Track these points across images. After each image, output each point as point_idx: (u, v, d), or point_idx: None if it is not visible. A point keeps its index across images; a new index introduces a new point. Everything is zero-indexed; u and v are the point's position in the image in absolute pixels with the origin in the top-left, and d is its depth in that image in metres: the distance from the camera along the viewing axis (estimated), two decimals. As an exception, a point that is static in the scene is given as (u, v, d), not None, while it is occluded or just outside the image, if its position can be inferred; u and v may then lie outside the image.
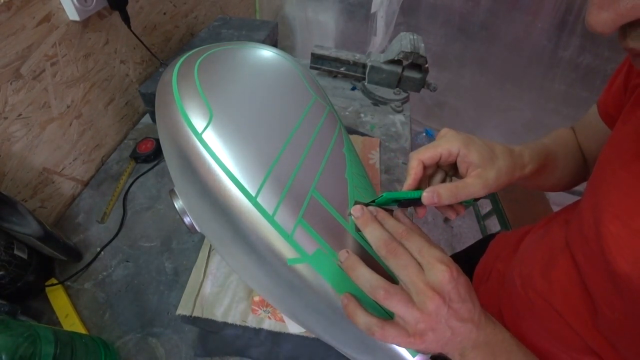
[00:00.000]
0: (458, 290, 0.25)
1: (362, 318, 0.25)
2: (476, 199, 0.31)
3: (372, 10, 1.30)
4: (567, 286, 0.35)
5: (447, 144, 0.31)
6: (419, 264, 0.25)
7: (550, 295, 0.36)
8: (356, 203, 0.29)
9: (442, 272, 0.24)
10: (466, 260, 0.58)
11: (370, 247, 0.29)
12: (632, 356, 0.29)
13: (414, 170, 0.30)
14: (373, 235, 0.26)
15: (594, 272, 0.31)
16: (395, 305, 0.24)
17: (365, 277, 0.25)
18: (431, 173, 0.34)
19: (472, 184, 0.28)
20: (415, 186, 0.31)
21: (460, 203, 0.31)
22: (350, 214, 0.29)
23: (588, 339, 0.32)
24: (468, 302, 0.25)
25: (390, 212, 0.30)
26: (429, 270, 0.24)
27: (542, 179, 0.39)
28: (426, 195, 0.27)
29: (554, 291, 0.36)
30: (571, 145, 0.44)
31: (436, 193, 0.27)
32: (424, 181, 0.34)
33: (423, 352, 0.27)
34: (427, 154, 0.31)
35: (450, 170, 0.35)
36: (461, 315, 0.25)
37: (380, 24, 1.31)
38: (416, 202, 0.29)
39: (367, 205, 0.29)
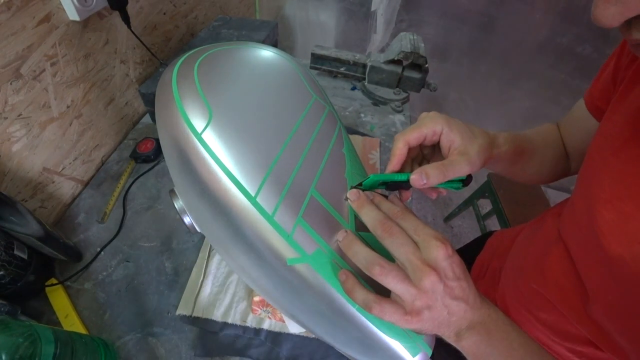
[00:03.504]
0: (453, 268, 0.25)
1: (360, 294, 0.25)
2: (464, 184, 0.31)
3: (372, 8, 1.31)
4: (559, 276, 0.36)
5: (431, 123, 0.31)
6: (415, 242, 0.25)
7: (543, 286, 0.37)
8: (351, 188, 0.29)
9: (437, 249, 0.24)
10: (464, 258, 0.59)
11: (371, 248, 0.29)
12: (624, 340, 0.30)
13: (399, 152, 0.30)
14: (369, 216, 0.27)
15: (587, 259, 0.32)
16: (391, 281, 0.24)
17: (362, 253, 0.25)
18: (413, 156, 0.35)
19: (458, 161, 0.29)
20: (399, 169, 0.31)
21: (447, 185, 0.31)
22: (346, 198, 0.29)
23: (581, 327, 0.33)
24: (462, 281, 0.25)
25: (385, 197, 0.30)
26: (424, 248, 0.24)
27: (520, 165, 0.40)
28: (415, 177, 0.27)
29: (547, 281, 0.37)
30: (552, 138, 0.45)
31: (424, 173, 0.27)
32: (406, 165, 0.34)
33: (420, 332, 0.27)
34: (413, 134, 0.31)
35: (430, 154, 0.35)
36: (456, 293, 0.25)
37: (380, 21, 1.31)
38: (403, 185, 0.29)
39: (356, 187, 0.29)
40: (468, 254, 0.59)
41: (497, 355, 0.27)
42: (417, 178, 0.27)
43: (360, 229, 0.29)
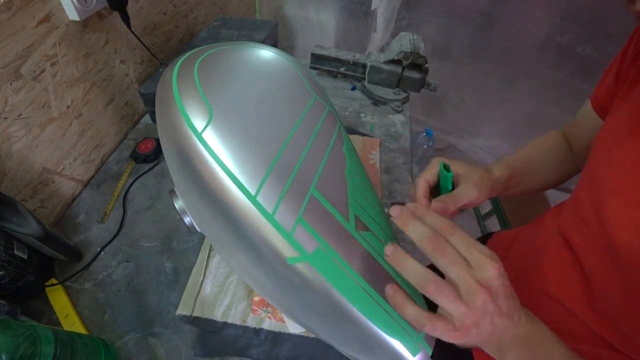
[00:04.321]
0: (504, 287, 0.25)
1: (411, 310, 0.25)
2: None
3: (372, 7, 1.31)
4: (561, 270, 0.36)
5: (438, 164, 0.38)
6: (465, 259, 0.25)
7: (544, 283, 0.38)
8: (393, 204, 0.30)
9: (491, 269, 0.24)
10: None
11: (372, 247, 0.29)
12: (630, 330, 0.30)
13: (422, 191, 0.37)
14: (416, 232, 0.26)
15: (592, 251, 0.33)
16: (444, 299, 0.24)
17: (415, 270, 0.25)
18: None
19: (465, 188, 0.35)
20: (426, 203, 0.36)
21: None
22: (389, 216, 0.28)
23: (586, 320, 0.34)
24: (510, 298, 0.25)
25: None
26: (478, 266, 0.24)
27: (525, 183, 0.44)
28: (436, 206, 0.33)
29: (547, 278, 0.38)
30: (551, 146, 0.48)
31: (442, 202, 0.33)
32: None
33: (462, 346, 0.27)
34: (428, 174, 0.38)
35: None
36: (503, 311, 0.25)
37: (380, 20, 1.31)
38: None
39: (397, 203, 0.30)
40: None
41: None
42: (438, 207, 0.33)
43: (360, 228, 0.29)
